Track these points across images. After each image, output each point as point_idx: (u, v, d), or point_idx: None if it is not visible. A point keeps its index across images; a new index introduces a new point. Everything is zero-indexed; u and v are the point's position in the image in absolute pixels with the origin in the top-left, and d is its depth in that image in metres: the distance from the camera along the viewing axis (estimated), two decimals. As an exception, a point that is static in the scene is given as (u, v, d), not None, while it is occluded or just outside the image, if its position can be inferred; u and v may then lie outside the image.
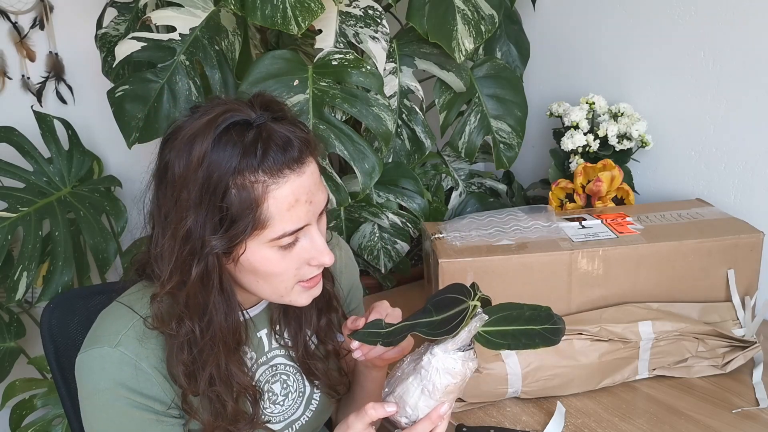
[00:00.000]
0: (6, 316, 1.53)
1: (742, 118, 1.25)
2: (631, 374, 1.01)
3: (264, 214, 0.74)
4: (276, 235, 0.75)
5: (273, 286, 0.80)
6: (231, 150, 0.73)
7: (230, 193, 0.73)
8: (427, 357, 0.73)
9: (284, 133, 0.76)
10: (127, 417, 0.79)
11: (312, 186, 0.78)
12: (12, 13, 1.67)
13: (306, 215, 0.77)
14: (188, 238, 0.75)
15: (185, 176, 0.74)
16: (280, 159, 0.74)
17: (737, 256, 1.07)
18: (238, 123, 0.74)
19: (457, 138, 1.45)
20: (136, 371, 0.78)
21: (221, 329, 0.79)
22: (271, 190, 0.74)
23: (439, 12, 1.29)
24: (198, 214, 0.74)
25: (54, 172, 1.56)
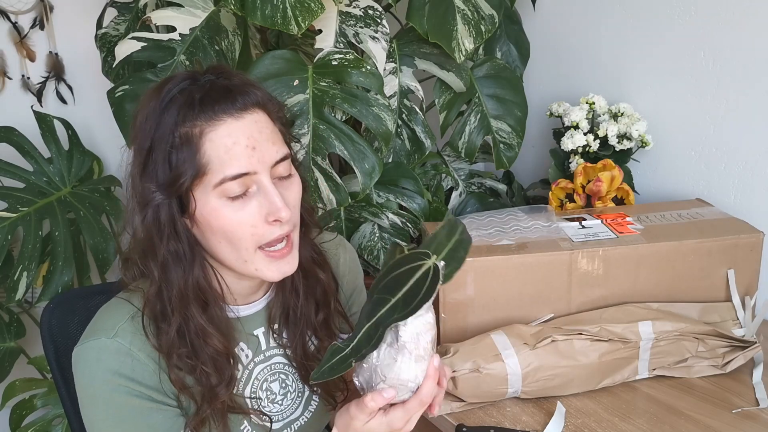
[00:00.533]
0: (6, 316, 1.53)
1: (742, 118, 1.25)
2: (631, 374, 1.01)
3: (203, 158, 0.75)
4: (217, 180, 0.75)
5: (233, 246, 0.79)
6: (175, 104, 0.76)
7: (174, 143, 0.75)
8: (402, 330, 0.73)
9: (224, 85, 0.78)
10: (126, 406, 0.78)
11: (255, 132, 0.77)
12: (12, 13, 1.67)
13: (248, 161, 0.76)
14: (141, 187, 0.77)
15: (139, 131, 0.78)
16: (217, 105, 0.76)
17: (737, 256, 1.07)
18: (181, 84, 0.78)
19: (457, 138, 1.45)
20: (132, 361, 0.78)
21: (180, 282, 0.79)
22: (206, 132, 0.75)
23: (439, 12, 1.29)
24: (148, 165, 0.77)
25: (54, 172, 1.56)
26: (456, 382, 0.95)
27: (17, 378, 1.54)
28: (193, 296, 0.80)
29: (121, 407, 0.78)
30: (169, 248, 0.78)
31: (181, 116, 0.75)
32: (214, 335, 0.81)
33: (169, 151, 0.75)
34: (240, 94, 0.78)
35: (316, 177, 1.24)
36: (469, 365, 0.95)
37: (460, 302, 1.05)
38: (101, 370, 0.78)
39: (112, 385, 0.78)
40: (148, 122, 0.77)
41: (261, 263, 0.80)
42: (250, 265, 0.80)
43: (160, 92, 0.78)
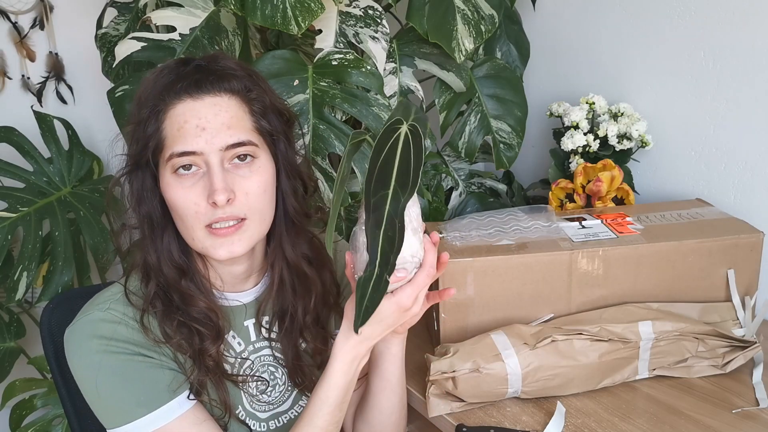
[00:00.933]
0: (6, 316, 1.53)
1: (742, 118, 1.25)
2: (631, 374, 1.01)
3: (161, 133, 0.81)
4: (167, 155, 0.80)
5: (184, 224, 0.82)
6: (154, 86, 0.83)
7: (143, 118, 0.82)
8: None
9: (203, 68, 0.83)
10: (126, 365, 0.80)
11: (210, 115, 0.80)
12: (12, 13, 1.67)
13: (195, 141, 0.79)
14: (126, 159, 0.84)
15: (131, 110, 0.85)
16: (184, 86, 0.81)
17: (737, 256, 1.07)
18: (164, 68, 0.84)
19: (457, 138, 1.45)
20: (126, 327, 0.82)
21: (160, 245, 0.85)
22: (168, 110, 0.81)
23: (439, 12, 1.29)
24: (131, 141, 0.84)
25: (54, 172, 1.56)
26: (456, 382, 0.95)
27: (17, 378, 1.54)
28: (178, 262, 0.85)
29: (121, 367, 0.80)
30: (141, 212, 0.84)
31: (159, 93, 0.81)
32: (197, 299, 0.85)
33: (140, 124, 0.82)
34: (211, 77, 0.82)
35: (316, 177, 1.24)
36: (469, 365, 0.95)
37: (460, 302, 1.05)
38: (96, 339, 0.80)
39: (110, 349, 0.80)
40: (134, 103, 0.84)
41: (207, 241, 0.82)
42: (198, 243, 0.83)
43: (153, 74, 0.85)
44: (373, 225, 0.70)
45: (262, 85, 0.87)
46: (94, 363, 0.80)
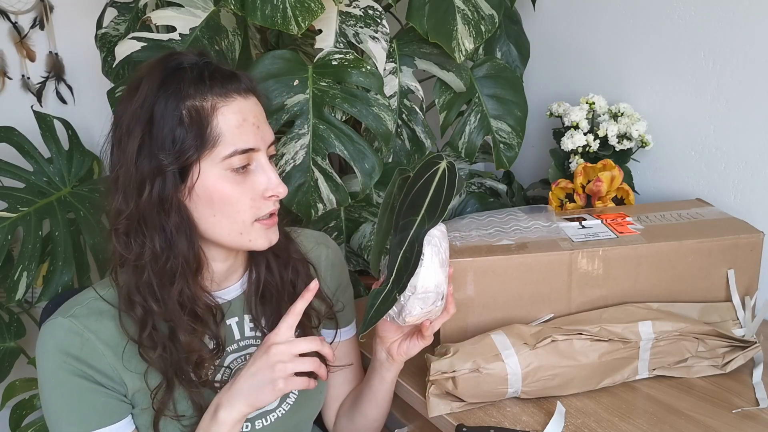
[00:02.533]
0: (6, 316, 1.53)
1: (742, 118, 1.25)
2: (631, 374, 1.01)
3: (214, 131, 0.79)
4: (227, 153, 0.79)
5: (231, 219, 0.82)
6: (179, 81, 0.79)
7: (181, 115, 0.78)
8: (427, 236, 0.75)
9: (229, 69, 0.84)
10: (70, 384, 0.81)
11: (258, 113, 0.84)
12: (12, 13, 1.67)
13: (254, 138, 0.81)
14: (142, 159, 0.78)
15: (136, 108, 0.79)
16: (228, 85, 0.81)
17: (737, 256, 1.07)
18: (186, 61, 0.81)
19: (457, 138, 1.45)
20: (82, 341, 0.81)
21: (183, 251, 0.81)
22: (219, 107, 0.79)
23: (439, 12, 1.29)
24: (151, 137, 0.78)
25: (54, 172, 1.56)
26: (456, 382, 0.95)
27: (17, 378, 1.54)
28: (192, 264, 0.83)
29: (66, 385, 0.81)
30: (174, 220, 0.80)
31: (192, 90, 0.78)
32: (204, 295, 0.85)
33: (175, 122, 0.77)
34: (243, 78, 0.84)
35: (316, 177, 1.24)
36: (469, 365, 0.95)
37: (460, 302, 1.05)
38: (50, 347, 0.81)
39: (59, 362, 0.80)
40: (149, 95, 0.78)
41: (255, 233, 0.84)
42: (245, 236, 0.83)
43: (158, 67, 0.81)
44: (396, 244, 0.76)
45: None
46: (44, 371, 0.81)
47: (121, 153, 0.80)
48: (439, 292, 0.78)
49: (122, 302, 0.82)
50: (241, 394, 0.80)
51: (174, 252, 0.80)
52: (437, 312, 0.83)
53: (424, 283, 0.76)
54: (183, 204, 0.81)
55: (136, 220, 0.80)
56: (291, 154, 1.22)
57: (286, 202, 1.24)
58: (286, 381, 0.79)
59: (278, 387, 0.79)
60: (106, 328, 0.82)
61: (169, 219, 0.80)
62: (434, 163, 0.76)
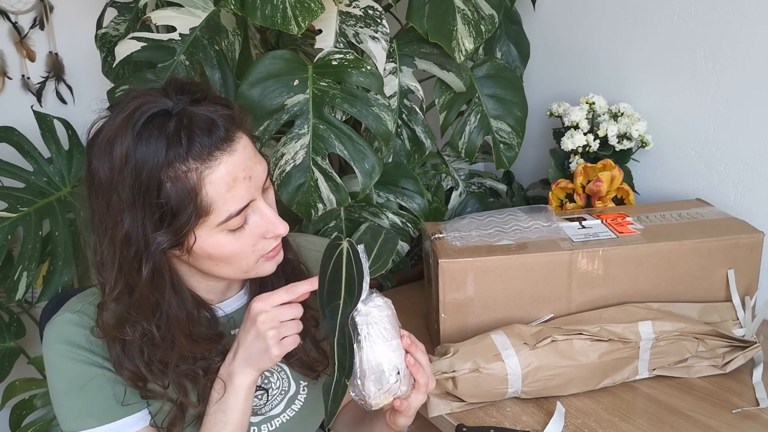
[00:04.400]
0: (6, 316, 1.53)
1: (742, 118, 1.25)
2: (631, 374, 1.01)
3: (204, 200, 0.74)
4: (222, 219, 0.75)
5: (235, 266, 0.81)
6: (155, 144, 0.71)
7: (165, 188, 0.72)
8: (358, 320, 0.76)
9: (206, 115, 0.74)
10: (83, 374, 0.80)
11: (247, 161, 0.76)
12: (12, 13, 1.67)
13: (247, 192, 0.76)
14: (129, 240, 0.74)
15: (112, 179, 0.73)
16: (208, 142, 0.73)
17: (737, 256, 1.07)
18: (155, 115, 0.73)
19: (457, 138, 1.45)
20: (91, 334, 0.80)
21: (179, 321, 0.79)
22: (205, 175, 0.73)
23: (439, 12, 1.29)
24: (135, 215, 0.73)
25: (54, 172, 1.56)
26: (456, 382, 0.95)
27: (17, 378, 1.54)
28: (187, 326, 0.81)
29: (78, 376, 0.79)
30: (168, 296, 0.79)
31: (169, 157, 0.71)
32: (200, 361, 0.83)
33: (159, 196, 0.72)
34: (224, 122, 0.75)
35: (316, 177, 1.24)
36: (469, 365, 0.95)
37: (460, 302, 1.05)
38: (60, 341, 0.80)
39: (69, 355, 0.79)
40: (125, 166, 0.71)
41: (261, 267, 0.83)
42: (251, 272, 0.83)
43: (128, 125, 0.72)
44: (329, 332, 0.76)
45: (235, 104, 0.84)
46: (56, 367, 0.80)
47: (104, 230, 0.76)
48: (392, 367, 0.76)
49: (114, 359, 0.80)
50: (246, 362, 0.79)
51: (169, 327, 0.80)
52: (403, 388, 0.78)
53: (369, 363, 0.75)
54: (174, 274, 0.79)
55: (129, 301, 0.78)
56: (291, 154, 1.22)
57: (286, 202, 1.24)
58: (279, 346, 0.77)
59: (273, 354, 0.77)
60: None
61: (164, 297, 0.78)
62: (336, 246, 0.77)
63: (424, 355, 0.80)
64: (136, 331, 0.79)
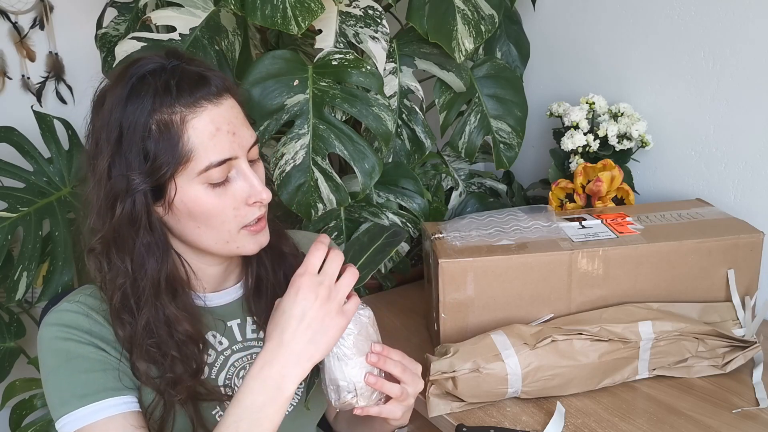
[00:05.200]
0: (6, 316, 1.53)
1: (742, 118, 1.25)
2: (631, 374, 1.01)
3: (186, 145, 0.75)
4: (202, 167, 0.76)
5: (215, 230, 0.80)
6: (145, 92, 0.75)
7: (150, 130, 0.75)
8: None
9: (197, 71, 0.78)
10: (75, 352, 0.78)
11: (232, 118, 0.79)
12: (12, 13, 1.67)
13: (230, 146, 0.77)
14: (111, 178, 0.76)
15: (103, 122, 0.76)
16: (196, 92, 0.76)
17: (737, 256, 1.07)
18: (150, 70, 0.77)
19: (457, 138, 1.45)
20: (90, 321, 0.80)
21: (153, 272, 0.79)
22: (189, 119, 0.75)
23: (439, 12, 1.29)
24: (120, 154, 0.75)
25: (54, 172, 1.56)
26: (456, 382, 0.95)
27: (17, 378, 1.54)
28: (165, 286, 0.80)
29: (74, 355, 0.78)
30: (143, 240, 0.78)
31: (157, 102, 0.75)
32: (183, 322, 0.81)
33: (144, 138, 0.75)
34: (214, 79, 0.78)
35: (316, 177, 1.24)
36: (469, 365, 0.95)
37: (460, 302, 1.05)
38: (55, 326, 0.79)
39: (65, 335, 0.79)
40: (115, 110, 0.75)
41: (243, 240, 0.82)
42: (232, 244, 0.82)
43: (124, 77, 0.77)
44: None
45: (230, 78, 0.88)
46: (47, 349, 0.79)
47: (92, 171, 0.78)
48: (347, 384, 0.78)
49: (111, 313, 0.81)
50: (304, 353, 0.72)
51: (144, 275, 0.79)
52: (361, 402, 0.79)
53: (329, 376, 0.78)
54: (155, 222, 0.78)
55: (110, 241, 0.78)
56: (291, 154, 1.22)
57: (286, 202, 1.24)
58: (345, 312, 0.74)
59: (341, 324, 0.73)
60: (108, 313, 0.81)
61: (138, 238, 0.78)
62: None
63: (397, 366, 0.79)
64: (116, 275, 0.78)
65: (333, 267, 0.74)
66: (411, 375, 0.81)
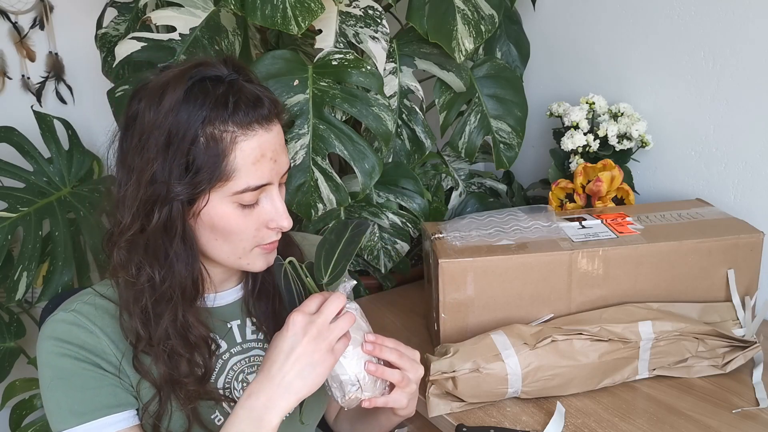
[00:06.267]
0: (6, 316, 1.53)
1: (742, 118, 1.25)
2: (631, 374, 1.01)
3: (230, 165, 0.76)
4: (239, 189, 0.77)
5: (232, 245, 0.81)
6: (202, 100, 0.75)
7: (198, 142, 0.75)
8: None
9: (254, 92, 0.78)
10: (73, 369, 0.79)
11: (278, 146, 0.80)
12: (12, 13, 1.67)
13: (270, 173, 0.79)
14: (153, 182, 0.76)
15: (154, 122, 0.75)
16: (251, 114, 0.76)
17: (737, 256, 1.07)
18: (210, 77, 0.77)
19: (457, 138, 1.45)
20: (86, 333, 0.80)
21: (182, 278, 0.79)
22: (239, 141, 0.76)
23: (439, 12, 1.29)
24: (165, 160, 0.75)
25: (54, 172, 1.56)
26: (456, 382, 0.95)
27: (17, 378, 1.54)
28: (190, 291, 0.81)
29: (68, 372, 0.79)
30: (176, 248, 0.79)
31: (212, 115, 0.74)
32: (200, 326, 0.83)
33: (191, 148, 0.75)
34: (268, 103, 0.79)
35: (316, 177, 1.24)
36: (469, 365, 0.95)
37: (460, 302, 1.05)
38: (52, 339, 0.80)
39: (61, 351, 0.79)
40: (170, 112, 0.74)
41: (254, 258, 0.83)
42: (243, 260, 0.83)
43: (182, 79, 0.76)
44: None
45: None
46: (45, 362, 0.80)
47: (131, 169, 0.77)
48: (350, 378, 0.78)
49: (122, 310, 0.81)
50: (291, 387, 0.74)
51: (171, 280, 0.79)
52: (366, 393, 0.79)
53: (331, 374, 0.78)
54: (188, 230, 0.79)
55: (140, 242, 0.78)
56: (291, 154, 1.22)
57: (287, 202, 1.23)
58: (335, 351, 0.75)
59: (328, 362, 0.75)
60: (108, 323, 0.82)
61: (172, 246, 0.78)
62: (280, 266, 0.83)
63: (393, 353, 0.80)
64: (141, 275, 0.79)
65: (330, 308, 0.76)
66: (409, 360, 0.82)
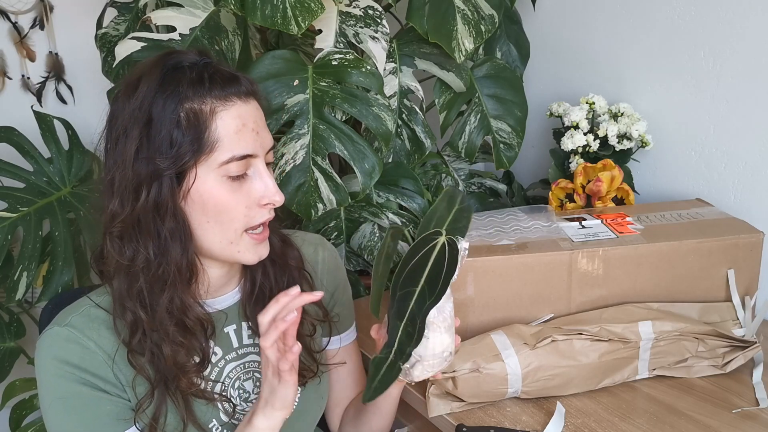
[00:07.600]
0: (6, 316, 1.53)
1: (742, 118, 1.25)
2: (631, 374, 1.01)
3: (212, 135, 0.77)
4: (225, 159, 0.78)
5: (223, 227, 0.80)
6: (178, 81, 0.77)
7: (180, 117, 0.77)
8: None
9: (230, 71, 0.82)
10: (72, 392, 0.80)
11: (258, 119, 0.82)
12: (12, 13, 1.67)
13: (253, 143, 0.80)
14: (138, 161, 0.77)
15: (134, 109, 0.77)
16: (228, 88, 0.79)
17: (737, 256, 1.07)
18: (183, 62, 0.80)
19: (457, 138, 1.45)
20: (82, 349, 0.80)
21: (176, 258, 0.79)
22: (218, 111, 0.78)
23: (439, 12, 1.29)
24: (148, 139, 0.77)
25: (54, 172, 1.56)
26: (456, 382, 0.95)
27: (17, 378, 1.54)
28: (186, 273, 0.81)
29: (68, 395, 0.79)
30: (169, 226, 0.79)
31: (190, 92, 0.77)
32: (196, 307, 0.83)
33: (172, 125, 0.76)
34: (244, 81, 0.82)
35: (316, 177, 1.24)
36: (469, 365, 0.95)
37: (460, 302, 1.05)
38: (50, 357, 0.80)
39: (59, 372, 0.79)
40: (147, 96, 0.77)
41: (244, 245, 0.83)
42: (234, 246, 0.82)
43: (158, 66, 0.79)
44: (395, 315, 0.75)
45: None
46: (45, 383, 0.80)
47: (117, 155, 0.79)
48: (447, 354, 0.79)
49: (115, 306, 0.81)
50: (268, 403, 0.80)
51: (167, 259, 0.79)
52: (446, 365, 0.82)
53: (432, 351, 0.77)
54: (179, 208, 0.79)
55: (131, 225, 0.78)
56: (291, 154, 1.22)
57: (287, 202, 1.24)
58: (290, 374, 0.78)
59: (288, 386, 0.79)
60: (104, 336, 0.81)
61: (164, 224, 0.78)
62: (432, 239, 0.76)
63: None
64: (137, 258, 0.79)
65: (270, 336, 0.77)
66: None
